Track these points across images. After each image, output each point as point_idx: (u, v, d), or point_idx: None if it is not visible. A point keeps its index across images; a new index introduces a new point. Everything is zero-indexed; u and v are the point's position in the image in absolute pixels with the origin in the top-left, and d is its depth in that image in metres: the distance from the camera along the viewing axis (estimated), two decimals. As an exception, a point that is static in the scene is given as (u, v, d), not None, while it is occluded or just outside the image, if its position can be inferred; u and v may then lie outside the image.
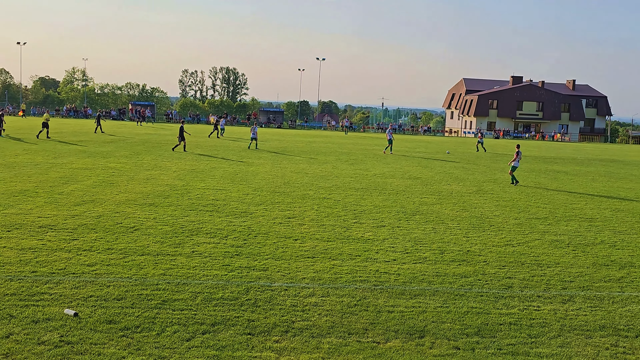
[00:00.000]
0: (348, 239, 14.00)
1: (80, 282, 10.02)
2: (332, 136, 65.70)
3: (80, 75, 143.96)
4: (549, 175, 31.17)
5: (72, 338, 7.82)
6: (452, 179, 27.35)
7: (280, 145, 45.23)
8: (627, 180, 30.88)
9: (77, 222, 14.44)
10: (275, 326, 8.57)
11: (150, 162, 28.29)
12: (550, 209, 19.59)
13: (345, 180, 24.65)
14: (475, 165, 35.74)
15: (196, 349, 7.72)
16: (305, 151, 40.04)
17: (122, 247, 12.32)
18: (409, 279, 11.08)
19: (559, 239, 15.12)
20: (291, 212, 16.91)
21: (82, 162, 26.95)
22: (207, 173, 24.92)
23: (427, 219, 16.97)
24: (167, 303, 9.26)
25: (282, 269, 11.33)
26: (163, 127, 66.47)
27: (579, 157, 48.95)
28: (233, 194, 19.71)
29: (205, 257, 11.88)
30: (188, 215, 15.78)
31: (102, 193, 18.62)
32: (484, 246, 13.95)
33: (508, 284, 11.07)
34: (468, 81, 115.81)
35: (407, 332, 8.59)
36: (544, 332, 8.81)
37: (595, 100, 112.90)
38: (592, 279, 11.68)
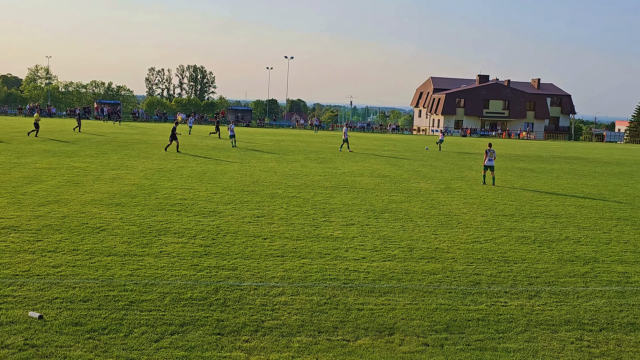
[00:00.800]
0: (317, 238, 14.00)
1: (44, 284, 9.83)
2: (300, 135, 65.66)
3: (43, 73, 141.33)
4: (515, 173, 31.62)
5: (37, 341, 7.66)
6: (421, 177, 27.56)
7: (249, 144, 45.03)
8: (591, 177, 31.50)
9: (41, 222, 14.17)
10: (244, 326, 8.52)
11: (116, 161, 27.91)
12: (517, 206, 19.87)
13: (314, 179, 24.65)
14: (443, 163, 36.07)
15: (165, 350, 7.63)
16: (274, 150, 39.94)
17: (88, 248, 12.12)
18: (378, 277, 11.12)
19: (525, 235, 15.34)
20: (260, 211, 16.85)
21: (46, 161, 26.45)
22: (175, 172, 24.68)
23: (396, 216, 17.07)
24: (134, 304, 9.13)
25: (252, 268, 11.28)
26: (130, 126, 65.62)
27: (544, 154, 49.77)
28: (201, 193, 19.55)
29: (173, 257, 11.75)
30: (155, 215, 15.60)
31: (67, 193, 18.30)
32: (452, 243, 14.08)
33: (476, 281, 11.19)
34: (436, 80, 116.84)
35: (377, 329, 8.62)
36: (511, 328, 8.92)
37: (560, 98, 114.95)
38: (557, 274, 11.88)
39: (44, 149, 32.06)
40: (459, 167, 33.80)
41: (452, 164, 35.76)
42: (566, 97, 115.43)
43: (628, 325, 9.25)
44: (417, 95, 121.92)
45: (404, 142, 59.53)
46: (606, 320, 9.39)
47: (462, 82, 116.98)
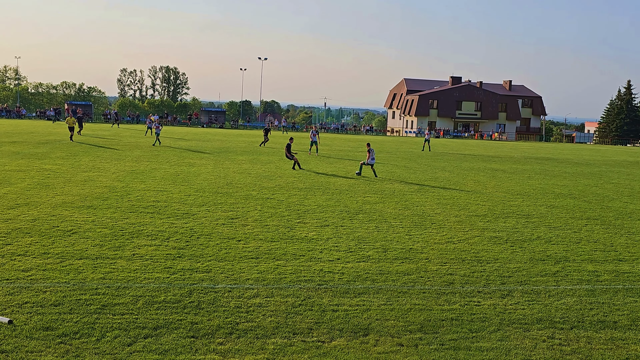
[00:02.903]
0: (292, 239, 13.98)
1: (14, 288, 9.66)
2: (275, 136, 65.52)
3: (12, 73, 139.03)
4: (488, 174, 31.95)
5: (7, 347, 7.52)
6: (395, 177, 27.69)
7: (223, 145, 44.82)
8: (561, 177, 31.96)
9: (10, 226, 13.92)
10: (219, 328, 8.47)
11: (88, 163, 27.55)
12: (489, 207, 20.08)
13: (288, 180, 24.61)
14: (417, 164, 36.30)
15: (138, 353, 7.55)
16: (248, 151, 39.80)
17: (59, 251, 11.94)
18: (352, 278, 11.15)
19: (497, 235, 15.50)
20: (234, 213, 16.77)
21: (15, 163, 26.00)
22: (148, 174, 24.45)
23: (370, 217, 17.12)
24: (107, 308, 9.02)
25: (226, 270, 11.22)
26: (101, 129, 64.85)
27: (516, 155, 50.38)
28: (174, 195, 19.40)
29: (146, 260, 11.64)
30: (128, 218, 15.43)
31: (37, 196, 18.01)
32: (426, 244, 14.17)
33: (449, 281, 11.27)
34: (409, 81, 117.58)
35: (352, 330, 8.63)
36: (484, 327, 9.01)
37: (531, 100, 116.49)
38: (529, 273, 12.02)
39: (13, 151, 31.51)
40: (433, 167, 34.04)
41: (425, 164, 36.00)
42: (537, 98, 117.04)
43: (598, 323, 9.40)
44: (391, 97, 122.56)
45: (377, 143, 59.77)
46: (577, 319, 9.54)
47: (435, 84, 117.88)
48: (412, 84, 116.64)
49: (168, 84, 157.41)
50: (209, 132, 68.85)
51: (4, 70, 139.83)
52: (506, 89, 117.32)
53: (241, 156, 35.53)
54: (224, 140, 52.05)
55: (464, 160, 41.55)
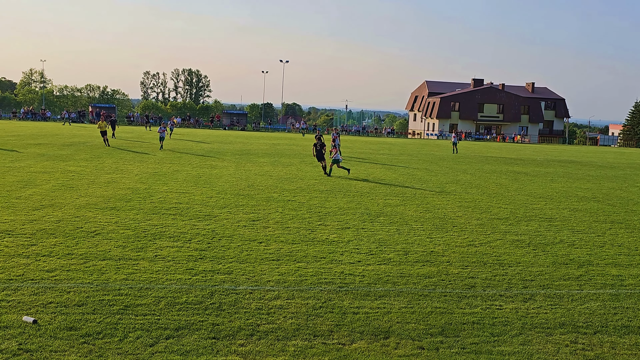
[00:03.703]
0: (313, 241, 14.00)
1: (39, 289, 9.80)
2: (296, 138, 65.67)
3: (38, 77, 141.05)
4: (510, 177, 31.69)
5: (31, 346, 7.64)
6: (416, 180, 27.60)
7: (244, 147, 45.02)
8: (585, 180, 31.60)
9: (35, 226, 14.13)
10: (240, 330, 8.51)
11: (111, 165, 27.85)
12: (511, 210, 19.92)
13: (309, 183, 24.65)
14: (438, 166, 36.13)
15: (160, 354, 7.61)
16: (269, 153, 39.94)
17: (82, 252, 12.09)
18: (373, 280, 11.13)
19: (519, 238, 15.37)
20: (255, 215, 16.84)
21: (40, 165, 26.38)
22: (170, 176, 24.65)
23: (391, 220, 17.08)
24: (129, 308, 9.12)
25: (247, 272, 11.27)
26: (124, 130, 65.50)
27: (539, 158, 49.92)
28: (196, 197, 19.53)
29: (168, 261, 11.74)
30: (150, 219, 15.58)
31: (61, 197, 18.25)
32: (447, 247, 14.11)
33: (471, 284, 11.21)
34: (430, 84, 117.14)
35: (372, 333, 8.62)
36: (506, 331, 8.94)
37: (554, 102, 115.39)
38: (551, 277, 11.91)
39: (38, 153, 31.97)
40: (454, 170, 33.86)
41: (446, 167, 35.82)
42: (560, 100, 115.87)
43: (622, 328, 9.28)
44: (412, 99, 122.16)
45: (399, 146, 59.62)
46: (600, 323, 9.42)
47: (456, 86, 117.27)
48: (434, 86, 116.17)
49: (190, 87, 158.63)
50: (231, 134, 69.21)
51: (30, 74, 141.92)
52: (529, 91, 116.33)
53: (262, 158, 35.67)
54: (245, 142, 52.28)
55: (486, 162, 41.26)
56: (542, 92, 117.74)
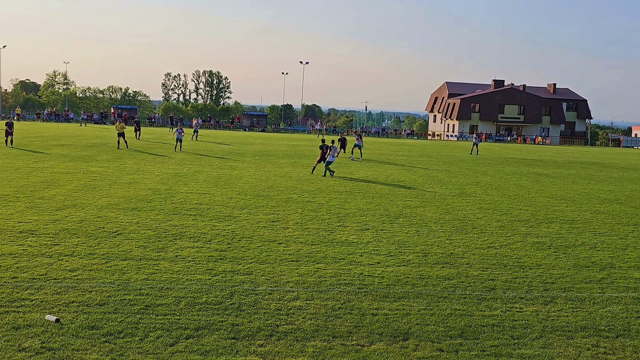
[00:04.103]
0: (332, 242, 14.01)
1: (61, 288, 9.93)
2: (315, 140, 65.70)
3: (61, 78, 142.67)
4: (531, 178, 31.43)
5: (54, 344, 7.74)
6: (435, 182, 27.49)
7: (264, 148, 45.16)
8: (607, 182, 31.23)
9: (58, 227, 14.31)
10: (259, 330, 8.55)
11: (132, 166, 28.11)
12: (532, 211, 19.76)
13: (329, 184, 24.67)
14: (458, 168, 35.94)
15: (180, 354, 7.68)
16: (289, 155, 40.02)
17: (104, 252, 12.23)
18: (392, 282, 11.12)
19: (540, 241, 15.25)
20: (275, 216, 16.90)
21: (63, 166, 26.71)
22: (191, 177, 24.82)
23: (411, 221, 17.04)
24: (150, 308, 9.20)
25: (267, 273, 11.31)
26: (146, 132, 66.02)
27: (560, 159, 49.43)
28: (217, 197, 19.64)
29: (188, 262, 11.82)
30: (171, 220, 15.70)
31: (83, 197, 18.47)
32: (467, 248, 14.04)
33: (491, 286, 11.14)
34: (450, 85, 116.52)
35: (391, 334, 8.61)
36: (527, 334, 8.88)
37: (576, 103, 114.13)
38: (573, 280, 11.80)
39: (61, 154, 32.37)
40: (474, 172, 33.67)
41: (466, 169, 35.63)
42: (582, 101, 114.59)
43: (645, 332, 9.16)
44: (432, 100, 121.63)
45: (418, 147, 59.42)
46: (623, 327, 9.32)
47: (477, 87, 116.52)
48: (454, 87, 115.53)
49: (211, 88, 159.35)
50: (251, 135, 69.47)
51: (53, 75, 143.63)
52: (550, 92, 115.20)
53: (282, 159, 35.76)
54: (265, 143, 52.44)
55: (506, 164, 40.96)
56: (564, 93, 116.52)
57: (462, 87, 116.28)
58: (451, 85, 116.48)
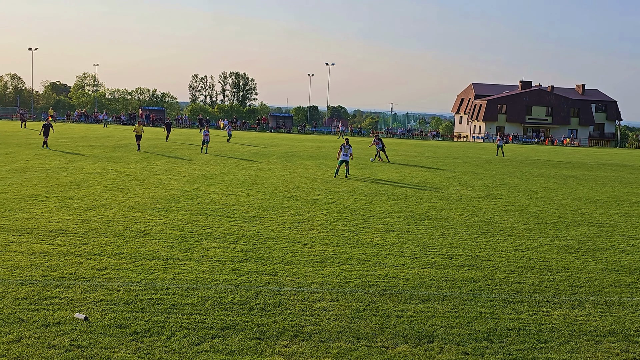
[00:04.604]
0: (357, 244, 14.01)
1: (90, 287, 10.09)
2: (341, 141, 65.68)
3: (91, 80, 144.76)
4: (559, 180, 31.06)
5: (82, 342, 7.87)
6: (461, 183, 27.31)
7: (290, 150, 45.29)
8: (637, 185, 30.71)
9: (87, 226, 14.53)
10: (284, 331, 8.59)
11: (160, 166, 28.41)
12: (560, 214, 19.53)
13: (354, 185, 24.66)
14: (485, 170, 35.66)
15: (205, 353, 7.75)
16: (315, 156, 40.08)
17: (132, 252, 12.39)
18: (417, 284, 11.08)
19: (568, 244, 15.07)
20: (300, 217, 16.95)
21: (92, 166, 27.10)
22: (217, 178, 25.00)
23: (436, 223, 16.96)
24: (176, 307, 9.30)
25: (292, 274, 11.36)
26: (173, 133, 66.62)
27: (589, 161, 48.74)
28: (242, 198, 19.77)
29: (214, 262, 11.92)
30: (198, 220, 15.84)
31: (112, 198, 18.72)
32: (493, 251, 13.93)
33: (517, 289, 11.04)
34: (477, 86, 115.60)
35: (416, 337, 8.59)
36: (554, 338, 8.78)
37: (605, 104, 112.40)
38: (601, 284, 11.64)
39: (90, 155, 32.85)
40: (501, 174, 33.37)
41: (493, 170, 35.33)
42: (612, 103, 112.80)
43: (676, 337, 9.00)
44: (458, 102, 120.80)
45: (444, 149, 59.06)
46: (653, 332, 9.16)
47: (504, 88, 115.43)
48: (480, 88, 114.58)
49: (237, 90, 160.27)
50: (277, 136, 69.72)
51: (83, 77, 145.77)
52: (579, 93, 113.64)
53: (308, 161, 35.83)
54: (291, 145, 52.59)
55: (534, 166, 40.51)
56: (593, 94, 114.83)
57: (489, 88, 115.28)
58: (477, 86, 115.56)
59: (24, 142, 39.86)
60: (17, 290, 9.74)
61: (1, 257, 11.58)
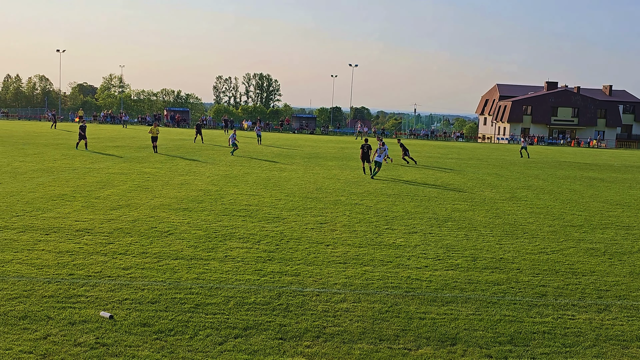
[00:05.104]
0: (380, 245, 13.98)
1: (115, 285, 10.21)
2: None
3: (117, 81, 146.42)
4: (585, 183, 30.66)
5: (108, 340, 7.97)
6: (485, 185, 27.10)
7: (313, 151, 45.34)
8: (666, 187, 30.17)
9: (112, 226, 14.71)
10: (306, 331, 8.61)
11: (184, 167, 28.64)
12: (586, 217, 19.28)
13: (377, 186, 24.61)
14: (509, 171, 35.34)
15: (228, 353, 7.80)
16: (337, 157, 40.08)
17: (156, 251, 12.51)
18: (440, 286, 11.03)
19: (594, 247, 14.87)
20: (323, 218, 16.96)
21: (118, 167, 27.42)
22: (240, 178, 25.13)
23: (460, 225, 16.85)
24: (200, 307, 9.37)
25: (314, 275, 11.37)
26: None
27: (616, 164, 48.03)
28: (266, 199, 19.84)
29: (238, 262, 11.99)
30: (221, 220, 15.94)
31: (137, 198, 18.92)
32: (517, 254, 13.80)
33: (542, 292, 10.93)
34: (502, 87, 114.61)
35: (439, 339, 8.55)
36: (579, 342, 8.68)
37: (633, 105, 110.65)
38: (629, 288, 11.47)
39: (116, 155, 33.24)
40: (525, 175, 33.05)
41: (517, 172, 35.00)
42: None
43: None
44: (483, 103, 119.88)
45: (468, 150, 58.66)
46: (681, 337, 9.00)
47: (529, 89, 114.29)
48: (505, 89, 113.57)
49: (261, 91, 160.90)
50: (300, 137, 69.84)
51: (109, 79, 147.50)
52: (606, 94, 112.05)
53: (331, 162, 35.84)
54: (314, 146, 52.65)
55: (559, 168, 40.05)
56: (620, 95, 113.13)
57: (514, 89, 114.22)
58: (502, 87, 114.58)
59: (52, 143, 40.47)
60: (45, 288, 9.90)
61: (29, 255, 11.77)
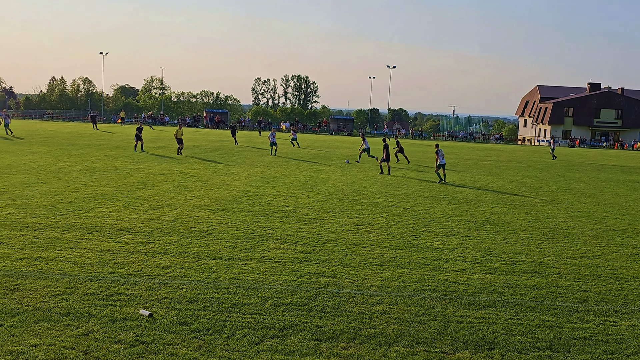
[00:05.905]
0: (417, 248, 13.91)
1: (155, 284, 10.38)
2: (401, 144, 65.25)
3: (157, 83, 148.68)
4: (628, 186, 29.95)
5: (147, 338, 8.11)
6: (525, 188, 26.70)
7: (350, 152, 45.31)
8: None
9: (152, 225, 14.95)
10: (342, 333, 8.62)
11: (222, 168, 28.94)
12: (629, 221, 18.84)
13: (414, 188, 24.47)
14: (549, 174, 34.75)
15: (265, 352, 7.86)
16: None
17: (195, 251, 12.67)
18: (478, 290, 10.91)
19: (638, 252, 14.52)
20: (360, 220, 16.94)
21: (158, 167, 27.85)
22: (278, 180, 25.27)
23: (498, 228, 16.65)
24: (237, 307, 9.47)
25: (351, 276, 11.38)
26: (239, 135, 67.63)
27: (662, 167, 46.78)
28: (303, 200, 19.91)
29: (275, 263, 12.06)
30: (259, 221, 16.06)
31: (176, 198, 19.19)
32: (558, 258, 13.57)
33: (583, 298, 10.73)
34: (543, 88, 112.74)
35: (476, 343, 8.46)
36: (621, 349, 8.49)
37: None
38: (673, 294, 11.16)
39: (156, 156, 33.77)
40: (566, 178, 32.45)
41: (558, 175, 34.38)
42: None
43: None
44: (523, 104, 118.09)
45: (507, 153, 57.87)
46: None
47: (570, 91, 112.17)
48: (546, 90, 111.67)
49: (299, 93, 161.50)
50: (337, 139, 69.88)
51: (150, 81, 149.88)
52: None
53: (367, 164, 35.76)
54: (351, 147, 52.60)
55: (602, 171, 39.20)
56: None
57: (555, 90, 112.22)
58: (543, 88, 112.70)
59: (94, 144, 41.34)
60: (87, 286, 10.12)
61: (72, 253, 12.05)
